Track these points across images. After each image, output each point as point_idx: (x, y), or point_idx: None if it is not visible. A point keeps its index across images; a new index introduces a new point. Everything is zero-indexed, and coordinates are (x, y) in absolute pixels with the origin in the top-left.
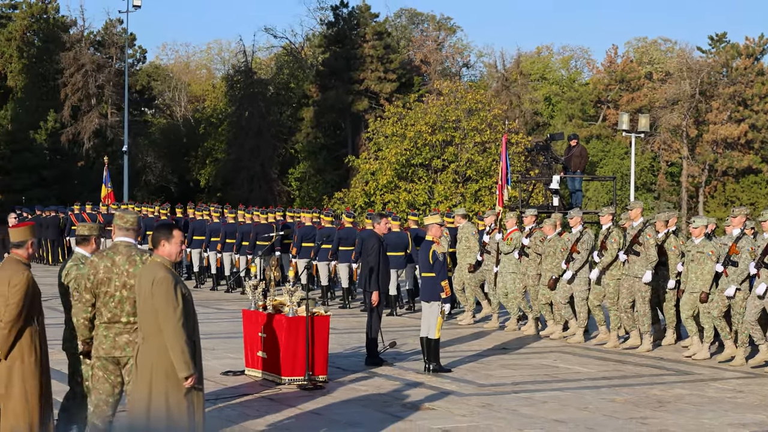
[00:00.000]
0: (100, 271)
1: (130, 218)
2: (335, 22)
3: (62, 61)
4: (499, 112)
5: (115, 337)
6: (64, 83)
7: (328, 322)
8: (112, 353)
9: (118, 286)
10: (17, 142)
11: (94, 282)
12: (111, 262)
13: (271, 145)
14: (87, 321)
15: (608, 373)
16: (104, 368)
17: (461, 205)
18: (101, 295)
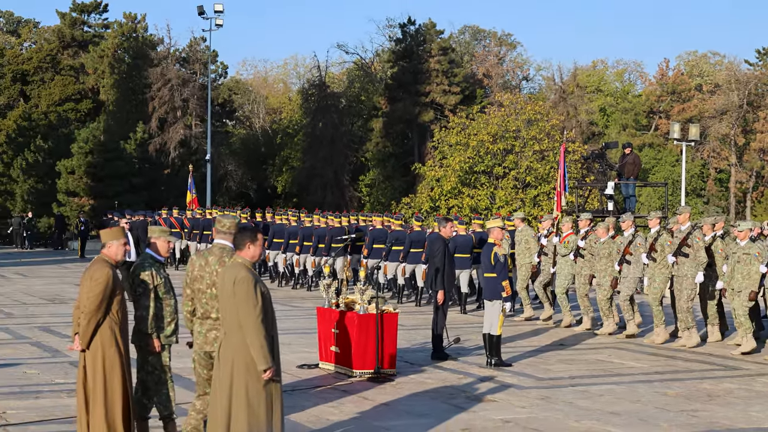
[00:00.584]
0: (195, 269)
1: (227, 222)
2: (403, 38)
3: (150, 76)
4: (556, 123)
5: (206, 333)
6: (152, 97)
7: (397, 319)
8: (204, 348)
9: (209, 284)
10: (109, 151)
11: (190, 278)
12: (204, 261)
13: (343, 154)
14: (189, 314)
15: (660, 368)
16: (200, 362)
17: (521, 210)
18: (196, 291)
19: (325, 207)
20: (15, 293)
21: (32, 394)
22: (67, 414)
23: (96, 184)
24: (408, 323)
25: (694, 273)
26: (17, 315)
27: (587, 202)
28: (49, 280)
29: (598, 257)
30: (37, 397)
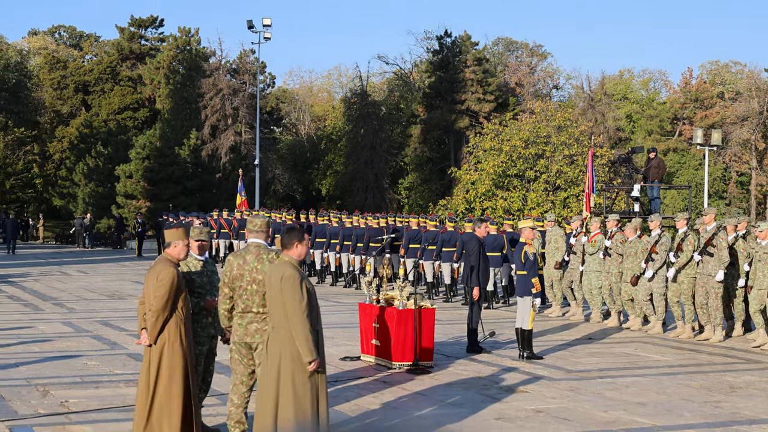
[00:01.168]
0: (234, 268)
1: (258, 221)
2: (440, 50)
3: (203, 86)
4: (585, 129)
5: (247, 325)
6: (204, 106)
7: (434, 315)
8: (244, 339)
9: (249, 280)
10: (164, 156)
11: (230, 278)
12: (243, 260)
13: (384, 159)
14: (227, 311)
15: (684, 361)
16: (239, 352)
17: (551, 211)
18: (237, 289)
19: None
20: (77, 289)
21: (92, 384)
22: (125, 403)
23: (152, 187)
24: (444, 318)
25: (717, 272)
26: (79, 310)
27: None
28: (108, 277)
29: (626, 256)
30: (97, 387)
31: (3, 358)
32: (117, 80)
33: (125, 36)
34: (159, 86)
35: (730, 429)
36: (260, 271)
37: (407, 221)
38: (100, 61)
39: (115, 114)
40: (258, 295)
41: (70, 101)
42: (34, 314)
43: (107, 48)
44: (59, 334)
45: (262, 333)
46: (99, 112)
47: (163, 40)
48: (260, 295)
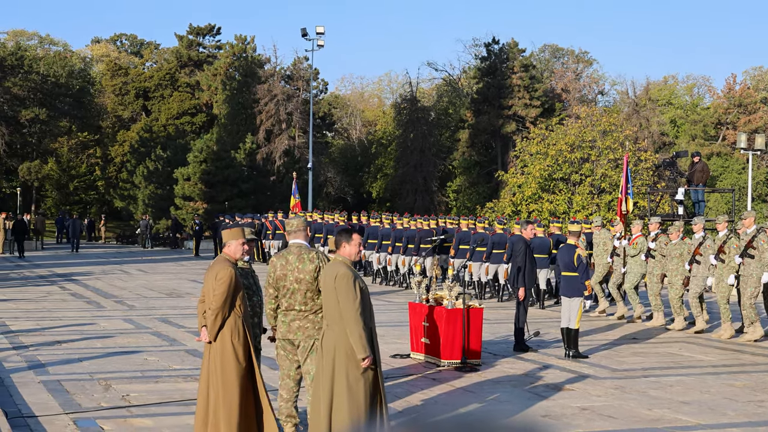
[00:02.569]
0: (278, 269)
1: (295, 222)
2: (488, 56)
3: (258, 92)
4: (629, 133)
5: (290, 322)
6: (260, 111)
7: (482, 314)
8: (287, 336)
9: (292, 280)
10: (221, 160)
11: (274, 278)
12: (285, 260)
13: (432, 162)
14: (272, 311)
15: (728, 361)
16: (284, 348)
17: (596, 214)
18: (281, 289)
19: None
20: (137, 288)
21: (152, 378)
22: (183, 397)
23: (209, 189)
24: (492, 317)
25: (760, 273)
26: (139, 307)
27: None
28: (167, 276)
29: (669, 258)
30: (156, 382)
31: (67, 354)
32: (176, 86)
33: (184, 44)
34: (216, 92)
35: None
36: (302, 270)
37: (457, 223)
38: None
39: (174, 119)
40: (300, 294)
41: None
42: (96, 311)
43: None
44: (120, 331)
45: (304, 330)
46: (158, 117)
47: (220, 48)
48: (302, 293)
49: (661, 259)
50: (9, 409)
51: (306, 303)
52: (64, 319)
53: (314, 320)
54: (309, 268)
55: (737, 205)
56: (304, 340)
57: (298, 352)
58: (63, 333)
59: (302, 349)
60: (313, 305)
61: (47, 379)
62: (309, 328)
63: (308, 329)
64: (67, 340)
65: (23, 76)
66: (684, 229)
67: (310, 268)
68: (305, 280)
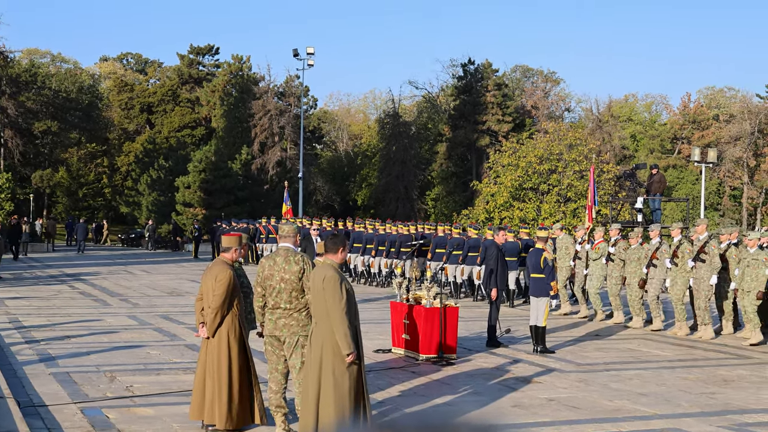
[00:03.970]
0: (266, 269)
1: (287, 228)
2: (464, 76)
3: (253, 107)
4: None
5: (276, 320)
6: (255, 125)
7: (458, 313)
8: (274, 333)
9: (278, 280)
10: (218, 169)
11: (262, 277)
12: (273, 262)
13: (413, 173)
14: (260, 308)
15: (682, 356)
16: (271, 344)
17: (562, 221)
18: (267, 288)
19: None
20: (140, 287)
21: (154, 371)
22: (183, 388)
23: (207, 196)
24: (466, 316)
25: (710, 276)
26: (142, 305)
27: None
28: (168, 276)
29: (629, 261)
30: (158, 374)
31: (76, 347)
32: (177, 102)
33: (185, 62)
34: (214, 107)
35: (724, 417)
36: (287, 271)
37: (434, 229)
38: (163, 85)
39: (176, 131)
40: (285, 293)
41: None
42: (102, 308)
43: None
44: (125, 327)
45: (290, 327)
46: (161, 130)
47: (218, 66)
48: (287, 292)
49: (621, 263)
50: (21, 398)
51: (291, 302)
52: (73, 316)
53: (299, 318)
54: (294, 270)
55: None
56: (289, 337)
57: (284, 347)
58: (72, 328)
59: (288, 345)
60: (297, 304)
61: (57, 371)
62: (294, 325)
63: (293, 326)
64: (75, 335)
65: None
66: (642, 235)
67: (295, 270)
68: (290, 281)
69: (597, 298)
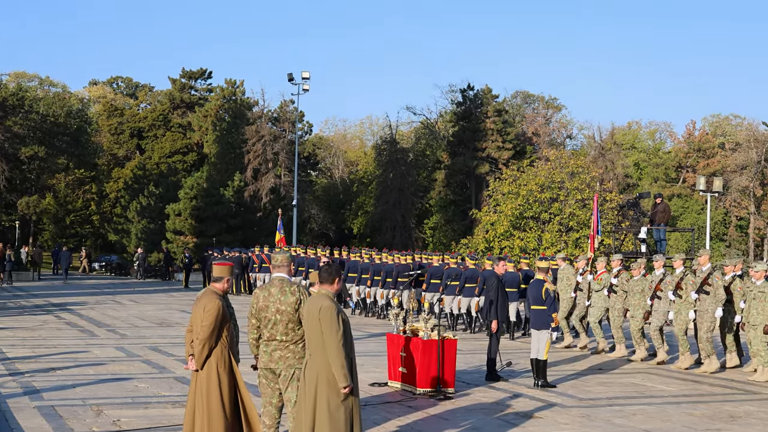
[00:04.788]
0: (260, 300)
1: (280, 257)
2: (463, 101)
3: (246, 133)
4: (596, 175)
5: (272, 352)
6: (248, 151)
7: (456, 345)
8: (269, 365)
9: (274, 311)
10: (210, 196)
11: (256, 309)
12: (268, 293)
13: (410, 201)
14: (254, 340)
15: (687, 391)
16: (265, 377)
17: (564, 251)
18: (262, 319)
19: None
20: (129, 317)
21: (142, 404)
22: (171, 422)
23: (198, 224)
24: (465, 348)
25: (714, 308)
26: (130, 336)
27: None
28: (157, 306)
29: (632, 293)
30: (146, 408)
31: (61, 380)
32: (168, 127)
33: (176, 86)
34: (206, 132)
35: None
36: (283, 302)
37: (430, 258)
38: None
39: (166, 157)
40: (281, 324)
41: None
42: (89, 339)
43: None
44: (112, 358)
45: (285, 360)
46: (152, 156)
47: (211, 91)
48: (283, 324)
49: (623, 294)
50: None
51: (287, 333)
52: (59, 347)
53: (294, 350)
54: (290, 300)
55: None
56: (285, 369)
57: (279, 380)
58: (57, 360)
59: (283, 378)
60: (293, 336)
61: (42, 405)
62: (290, 357)
63: (289, 359)
64: (61, 367)
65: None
66: (646, 266)
67: (291, 300)
68: (286, 312)
69: (598, 329)
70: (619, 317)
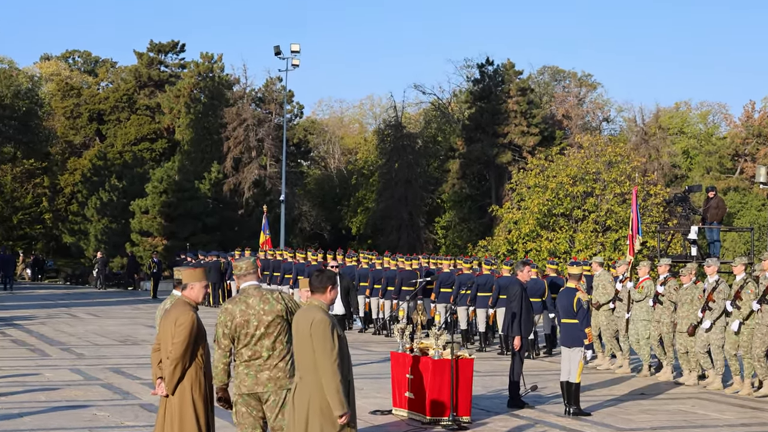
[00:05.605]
0: (237, 316)
1: (244, 265)
2: (481, 78)
3: (225, 116)
4: (638, 164)
5: (257, 374)
6: (227, 137)
7: (472, 365)
8: (254, 389)
9: (257, 325)
10: (183, 191)
11: (232, 327)
12: (245, 305)
13: (419, 195)
14: (225, 365)
15: (747, 420)
16: (247, 404)
17: (601, 254)
18: (241, 338)
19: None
20: (87, 334)
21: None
22: None
23: (169, 224)
24: (483, 369)
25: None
26: (88, 356)
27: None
28: (121, 320)
29: (680, 303)
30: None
31: (6, 408)
32: (134, 109)
33: (143, 62)
34: (178, 116)
35: None
36: (269, 312)
37: (441, 263)
38: (116, 89)
39: (131, 145)
40: (268, 339)
41: (84, 131)
42: (40, 360)
43: (124, 74)
44: (67, 382)
45: (276, 380)
46: (114, 143)
47: (183, 67)
48: (270, 338)
49: (671, 306)
50: None
51: (274, 348)
52: (4, 369)
53: (284, 368)
54: (277, 309)
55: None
56: (275, 392)
57: (265, 407)
58: (2, 385)
59: (272, 404)
60: (282, 350)
61: None
62: (280, 377)
63: (279, 379)
64: (6, 393)
65: None
66: (697, 272)
67: (278, 308)
68: (274, 323)
69: (641, 348)
70: (666, 333)
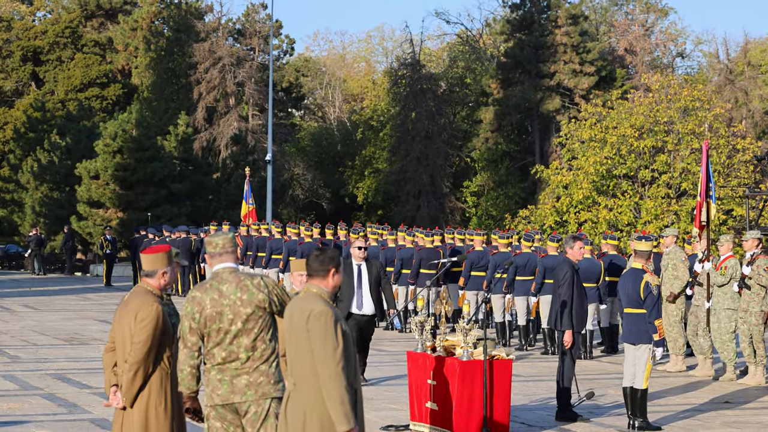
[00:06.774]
0: (207, 307)
1: (220, 241)
2: (521, 3)
3: (195, 54)
4: (721, 112)
5: (232, 380)
6: (198, 80)
7: (511, 368)
8: (230, 399)
9: (232, 318)
10: (142, 150)
11: (201, 320)
12: (218, 293)
13: (443, 153)
14: (194, 368)
15: None
16: (221, 418)
17: (674, 226)
18: (212, 334)
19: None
20: (23, 331)
21: None
22: None
23: (126, 192)
24: (525, 372)
25: None
26: (25, 359)
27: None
28: (65, 314)
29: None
30: None
31: None
32: (79, 46)
33: None
34: (136, 54)
35: None
36: (248, 303)
37: (471, 239)
38: (57, 20)
39: (77, 92)
40: (247, 336)
41: (16, 74)
42: None
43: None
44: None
45: (257, 387)
46: (54, 90)
47: None
48: (250, 334)
49: (761, 291)
50: None
51: (255, 348)
52: None
53: (268, 372)
54: (258, 298)
55: None
56: (255, 403)
57: (245, 421)
58: None
59: (253, 417)
60: (264, 349)
61: None
62: (263, 383)
63: (262, 385)
64: None
65: None
66: None
67: (259, 298)
68: (254, 316)
69: (724, 345)
70: (757, 325)
